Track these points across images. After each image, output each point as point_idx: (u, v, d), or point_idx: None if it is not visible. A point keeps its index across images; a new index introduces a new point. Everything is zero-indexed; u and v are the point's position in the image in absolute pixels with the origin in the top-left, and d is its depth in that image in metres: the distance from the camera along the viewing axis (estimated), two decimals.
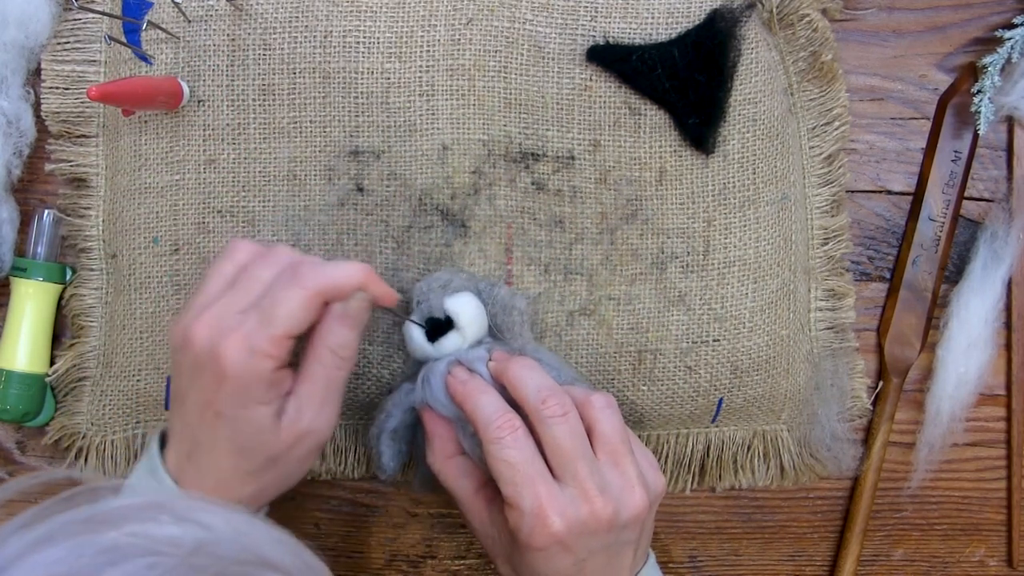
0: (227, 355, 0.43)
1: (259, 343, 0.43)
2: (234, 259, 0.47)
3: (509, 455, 0.45)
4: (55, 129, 0.56)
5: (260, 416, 0.44)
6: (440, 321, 0.51)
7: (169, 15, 0.54)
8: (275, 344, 0.43)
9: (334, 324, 0.46)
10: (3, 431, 0.59)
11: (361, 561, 0.61)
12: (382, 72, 0.54)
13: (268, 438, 0.45)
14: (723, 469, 0.60)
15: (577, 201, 0.56)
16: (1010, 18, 0.60)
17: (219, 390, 0.44)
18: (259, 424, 0.45)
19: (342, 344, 0.46)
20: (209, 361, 0.44)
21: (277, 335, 0.43)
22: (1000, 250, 0.60)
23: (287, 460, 0.46)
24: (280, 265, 0.46)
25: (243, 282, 0.45)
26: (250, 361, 0.43)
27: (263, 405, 0.44)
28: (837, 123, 0.59)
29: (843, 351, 0.60)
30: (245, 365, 0.43)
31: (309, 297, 0.44)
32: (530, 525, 0.45)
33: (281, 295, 0.44)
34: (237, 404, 0.44)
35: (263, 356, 0.43)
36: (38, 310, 0.56)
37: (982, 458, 0.62)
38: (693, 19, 0.54)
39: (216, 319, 0.44)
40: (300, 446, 0.46)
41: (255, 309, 0.44)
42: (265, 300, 0.44)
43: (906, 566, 0.63)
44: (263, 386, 0.44)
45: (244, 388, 0.44)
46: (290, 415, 0.45)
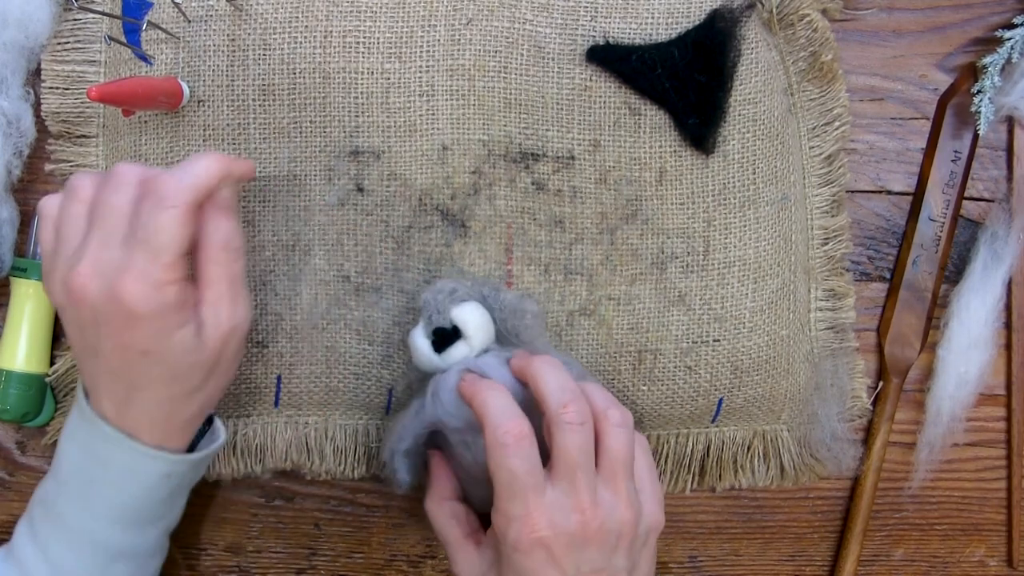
0: (130, 297, 0.42)
1: (157, 275, 0.42)
2: (79, 196, 0.45)
3: (512, 464, 0.44)
4: (55, 129, 0.56)
5: (184, 339, 0.44)
6: (447, 331, 0.50)
7: (169, 15, 0.54)
8: (172, 270, 0.43)
9: (214, 221, 0.45)
10: (3, 431, 0.59)
11: (361, 561, 0.61)
12: (382, 72, 0.54)
13: (198, 355, 0.45)
14: (723, 469, 0.60)
15: (577, 201, 0.56)
16: (1010, 18, 0.60)
17: (135, 330, 0.43)
18: (185, 346, 0.45)
19: (229, 237, 0.46)
20: (112, 308, 0.43)
21: (169, 262, 0.43)
22: (1000, 250, 0.60)
23: (221, 365, 0.47)
24: (132, 186, 0.44)
25: (102, 217, 0.44)
26: (155, 295, 0.43)
27: (182, 328, 0.44)
28: (837, 123, 0.59)
29: (843, 351, 0.60)
30: (151, 300, 0.43)
31: (183, 213, 0.43)
32: (517, 529, 0.44)
33: (156, 221, 0.42)
34: (159, 338, 0.44)
35: (165, 286, 0.43)
36: (38, 310, 0.56)
37: (982, 458, 0.62)
38: (693, 19, 0.54)
39: (97, 264, 0.43)
40: (228, 347, 0.47)
41: (134, 242, 0.43)
42: (140, 231, 0.43)
43: (906, 566, 0.63)
44: (175, 312, 0.44)
45: (159, 321, 0.43)
46: (209, 323, 0.45)
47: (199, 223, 0.45)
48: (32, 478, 0.59)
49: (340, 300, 0.55)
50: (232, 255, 0.46)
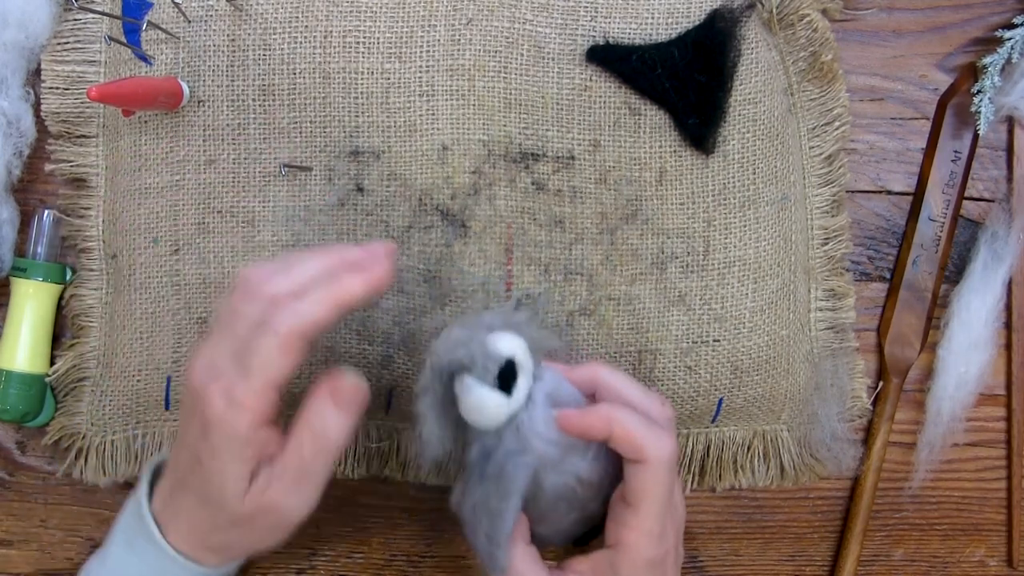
0: (210, 403, 0.42)
1: (238, 394, 0.41)
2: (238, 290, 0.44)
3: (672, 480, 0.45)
4: (55, 129, 0.56)
5: (231, 473, 0.43)
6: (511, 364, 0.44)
7: (169, 15, 0.54)
8: (254, 396, 0.41)
9: (320, 403, 0.44)
10: (3, 431, 0.59)
11: (361, 560, 0.61)
12: (382, 72, 0.54)
13: (232, 500, 0.43)
14: (723, 469, 0.60)
15: (577, 201, 0.56)
16: (1010, 18, 0.60)
17: (201, 437, 0.43)
18: (227, 481, 0.43)
19: (325, 428, 0.43)
20: (198, 405, 0.43)
21: (256, 387, 0.41)
22: (1000, 250, 0.60)
23: (250, 528, 0.45)
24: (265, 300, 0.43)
25: (230, 323, 0.43)
26: (228, 412, 0.42)
27: (237, 463, 0.43)
28: (837, 123, 0.59)
29: (843, 351, 0.60)
30: (223, 416, 0.42)
31: (282, 344, 0.41)
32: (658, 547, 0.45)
33: (256, 342, 0.42)
34: (212, 455, 0.43)
35: (241, 409, 0.41)
36: (38, 310, 0.57)
37: (982, 458, 0.62)
38: (693, 19, 0.54)
39: (208, 362, 0.43)
40: (263, 519, 0.44)
41: (239, 356, 0.42)
42: (246, 347, 0.42)
43: (906, 566, 0.63)
44: (240, 442, 0.42)
45: (222, 440, 0.42)
46: (259, 484, 0.43)
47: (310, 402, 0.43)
48: (32, 478, 0.59)
49: None
50: (319, 445, 0.43)
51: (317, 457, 0.44)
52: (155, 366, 0.56)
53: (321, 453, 0.44)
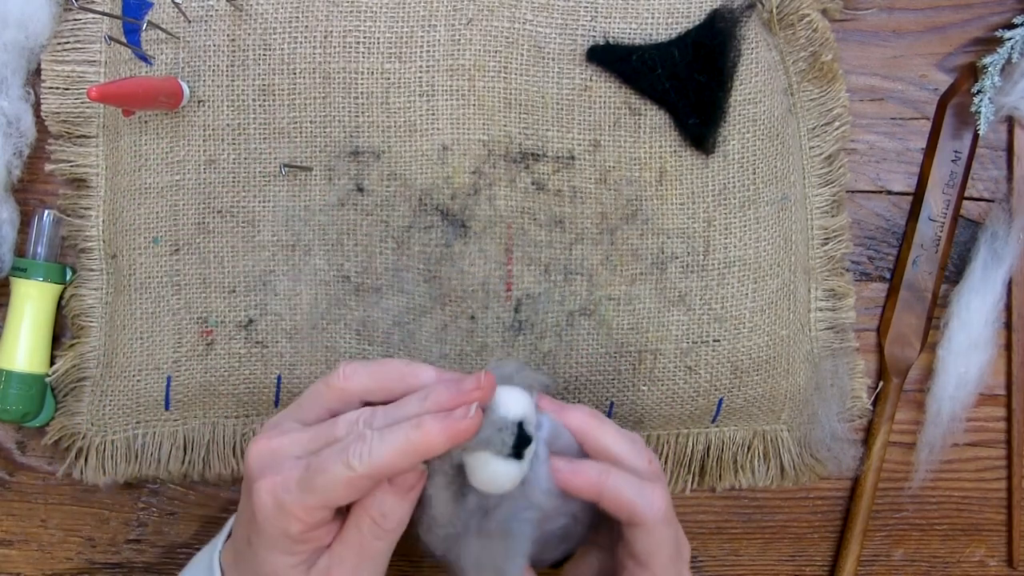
0: (259, 497, 0.42)
1: (289, 502, 0.41)
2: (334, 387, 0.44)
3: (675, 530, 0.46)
4: (55, 129, 0.56)
5: (282, 565, 0.43)
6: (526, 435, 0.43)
7: (169, 15, 0.54)
8: (305, 511, 0.41)
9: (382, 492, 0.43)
10: (3, 431, 0.59)
11: None
12: (382, 72, 0.54)
13: None
14: (723, 469, 0.60)
15: (577, 201, 0.56)
16: (1010, 18, 0.60)
17: (251, 522, 0.43)
18: (279, 570, 0.43)
19: (385, 513, 0.43)
20: (250, 490, 0.42)
21: (309, 504, 0.41)
22: (1000, 250, 0.60)
23: None
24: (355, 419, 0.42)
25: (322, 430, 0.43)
26: (277, 516, 0.41)
27: (286, 555, 0.43)
28: (837, 123, 0.59)
29: (843, 351, 0.60)
30: (271, 516, 0.41)
31: (353, 480, 0.40)
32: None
33: (326, 465, 0.41)
34: (263, 544, 0.43)
35: (290, 517, 0.41)
36: (38, 310, 0.56)
37: (982, 458, 0.62)
38: (693, 19, 0.54)
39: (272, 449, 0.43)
40: None
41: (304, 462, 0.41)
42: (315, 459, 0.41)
43: (906, 566, 0.63)
44: (288, 541, 0.42)
45: (269, 535, 0.42)
46: (320, 571, 0.43)
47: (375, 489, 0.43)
48: (32, 478, 0.59)
49: (340, 300, 0.55)
50: (378, 532, 0.43)
51: (377, 542, 0.43)
52: (155, 366, 0.56)
53: (381, 538, 0.43)
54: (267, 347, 0.56)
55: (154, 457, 0.57)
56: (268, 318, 0.55)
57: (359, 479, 0.40)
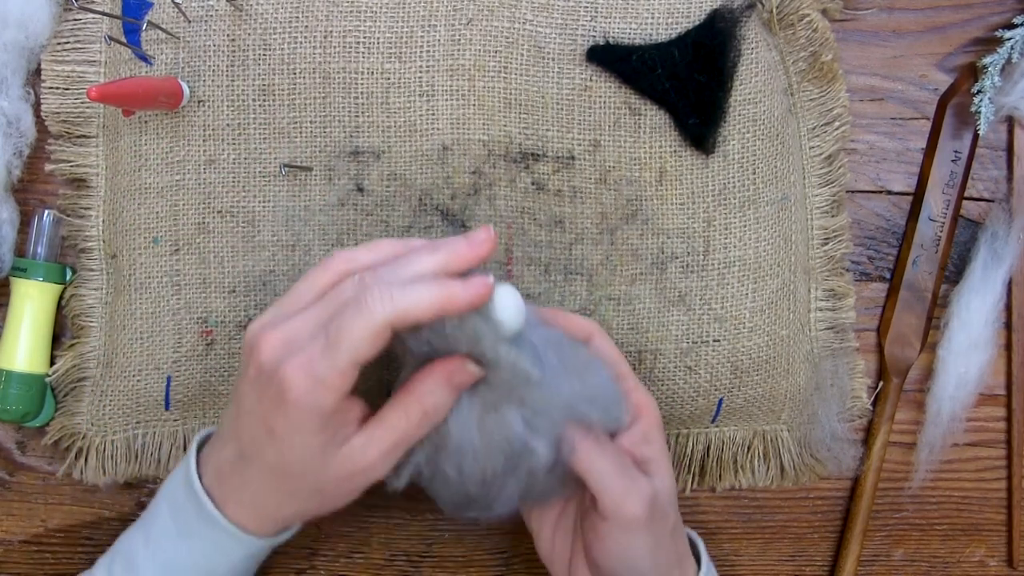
0: (289, 380, 0.41)
1: (323, 372, 0.41)
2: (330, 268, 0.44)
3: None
4: (55, 129, 0.56)
5: (312, 445, 0.43)
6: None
7: (169, 15, 0.54)
8: (340, 375, 0.41)
9: (435, 384, 0.43)
10: (3, 431, 0.59)
11: (361, 561, 0.61)
12: (382, 72, 0.54)
13: (316, 468, 0.43)
14: (723, 469, 0.60)
15: (577, 201, 0.56)
16: (1010, 18, 0.60)
17: (277, 411, 0.42)
18: (308, 453, 0.43)
19: (436, 405, 0.44)
20: (273, 379, 0.42)
21: (341, 366, 0.41)
22: (1000, 250, 0.60)
23: (334, 493, 0.45)
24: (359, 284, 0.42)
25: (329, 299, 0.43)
26: (311, 390, 0.41)
27: (319, 435, 0.43)
28: (837, 123, 0.59)
29: (843, 351, 0.60)
30: (306, 394, 0.41)
31: (376, 329, 0.40)
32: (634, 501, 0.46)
33: (348, 323, 0.41)
34: (293, 430, 0.42)
35: (325, 388, 0.41)
36: (38, 310, 0.57)
37: (982, 458, 0.62)
38: (693, 19, 0.54)
39: (286, 336, 0.42)
40: (351, 482, 0.45)
41: (324, 333, 0.41)
42: (332, 324, 0.41)
43: (906, 566, 0.63)
44: (322, 417, 0.42)
45: (302, 416, 0.42)
46: (354, 449, 0.43)
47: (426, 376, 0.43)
48: (32, 478, 0.59)
49: None
50: (424, 420, 0.43)
51: (419, 431, 0.44)
52: (155, 366, 0.56)
53: (424, 428, 0.44)
54: None
55: (154, 457, 0.57)
56: None
57: (384, 326, 0.40)
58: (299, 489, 0.45)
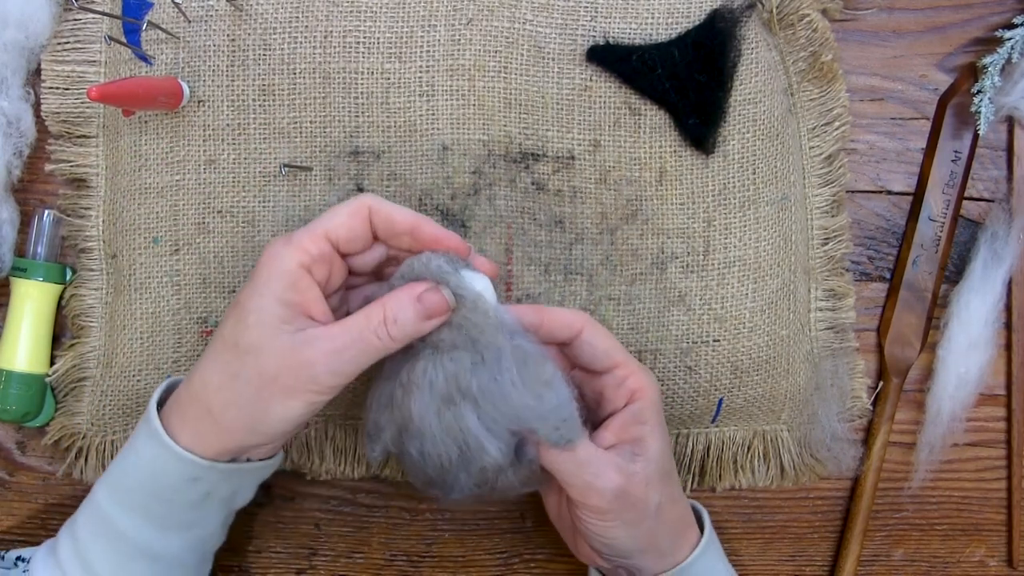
0: (267, 249, 0.45)
1: (297, 236, 0.45)
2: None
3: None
4: (55, 129, 0.56)
5: (270, 312, 0.44)
6: None
7: (169, 15, 0.54)
8: (309, 237, 0.45)
9: (404, 296, 0.45)
10: (3, 431, 0.59)
11: (361, 561, 0.61)
12: (382, 72, 0.54)
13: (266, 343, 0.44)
14: (723, 469, 0.60)
15: (577, 201, 0.56)
16: (1010, 18, 0.60)
17: (247, 281, 0.46)
18: (264, 320, 0.44)
19: (398, 319, 0.44)
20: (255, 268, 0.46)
21: (313, 230, 0.45)
22: (1000, 250, 0.60)
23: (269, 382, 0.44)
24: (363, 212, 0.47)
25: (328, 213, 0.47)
26: (282, 251, 0.45)
27: (277, 303, 0.44)
28: (837, 123, 0.59)
29: (843, 351, 0.60)
30: (275, 254, 0.45)
31: (353, 207, 0.46)
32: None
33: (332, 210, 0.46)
34: (255, 292, 0.45)
35: (294, 247, 0.44)
36: (38, 310, 0.57)
37: (982, 458, 0.62)
38: (693, 19, 0.54)
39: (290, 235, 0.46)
40: (289, 375, 0.43)
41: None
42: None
43: (906, 566, 0.63)
44: (286, 281, 0.44)
45: (266, 276, 0.44)
46: (305, 337, 0.44)
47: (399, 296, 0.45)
48: (32, 478, 0.59)
49: None
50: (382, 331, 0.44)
51: (375, 340, 0.44)
52: (155, 366, 0.56)
53: (381, 339, 0.44)
54: None
55: None
56: None
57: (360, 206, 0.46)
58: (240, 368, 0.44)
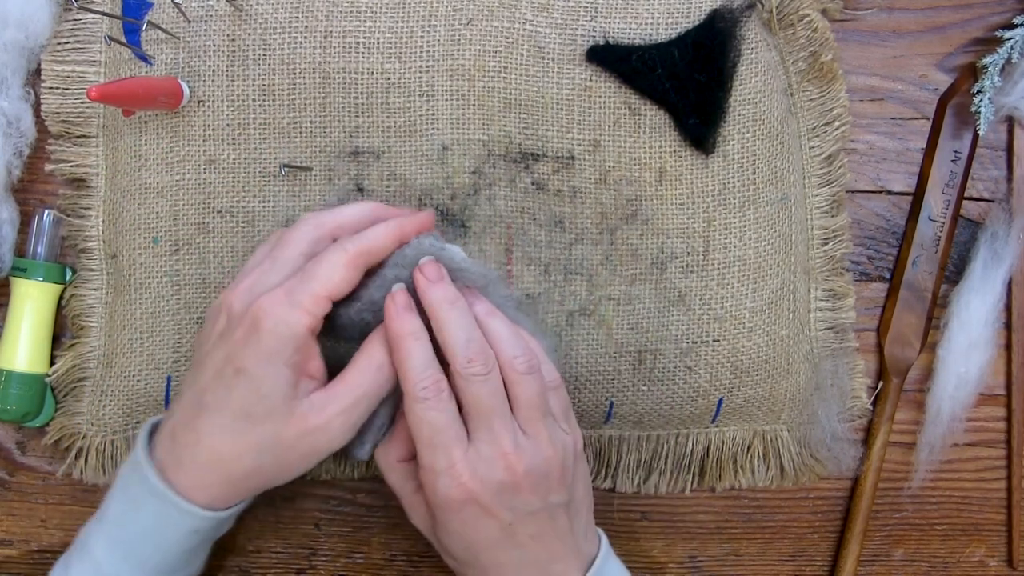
0: (265, 309, 0.43)
1: (298, 297, 0.44)
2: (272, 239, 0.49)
3: (432, 417, 0.45)
4: (55, 129, 0.56)
5: (281, 379, 0.44)
6: None
7: (169, 15, 0.54)
8: (314, 300, 0.44)
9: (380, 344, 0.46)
10: (3, 431, 0.59)
11: (361, 561, 0.61)
12: (382, 72, 0.54)
13: (280, 412, 0.44)
14: (723, 469, 0.60)
15: (577, 201, 0.56)
16: (1010, 18, 0.60)
17: (247, 344, 0.44)
18: (277, 388, 0.44)
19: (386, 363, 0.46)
20: (246, 316, 0.44)
21: (317, 291, 0.44)
22: (1000, 250, 0.60)
23: (288, 449, 0.45)
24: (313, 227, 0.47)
25: (277, 250, 0.46)
26: (288, 316, 0.43)
27: (288, 368, 0.44)
28: (837, 123, 0.59)
29: (843, 351, 0.60)
30: (282, 321, 0.43)
31: (349, 259, 0.45)
32: (445, 484, 0.45)
33: (321, 258, 0.45)
34: (263, 359, 0.43)
35: (301, 311, 0.43)
36: (38, 310, 0.57)
37: (982, 458, 0.62)
38: (693, 19, 0.54)
39: (253, 284, 0.45)
40: (307, 441, 0.45)
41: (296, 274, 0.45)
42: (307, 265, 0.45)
43: (906, 566, 0.63)
44: (294, 346, 0.44)
45: (275, 343, 0.43)
46: (313, 403, 0.45)
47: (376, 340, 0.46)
48: (32, 478, 0.59)
49: None
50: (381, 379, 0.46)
51: (374, 388, 0.46)
52: (155, 366, 0.56)
53: (381, 386, 0.46)
54: None
55: None
56: None
57: (357, 257, 0.45)
58: (258, 439, 0.44)
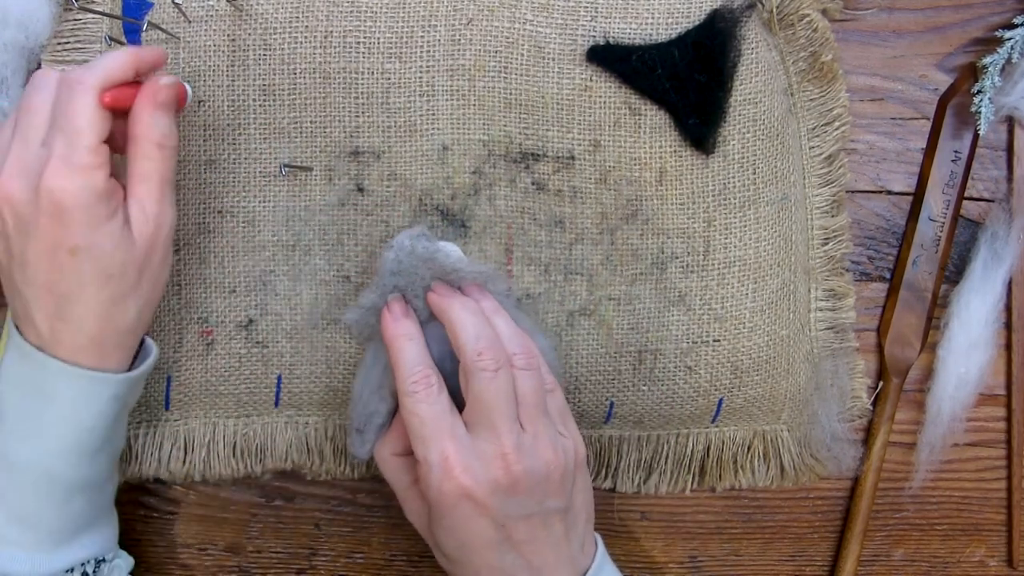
0: (56, 186, 0.41)
1: (79, 160, 0.42)
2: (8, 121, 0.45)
3: (421, 409, 0.45)
4: None
5: (113, 231, 0.43)
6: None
7: (169, 15, 0.54)
8: (94, 154, 0.42)
9: (151, 116, 0.44)
10: None
11: (361, 561, 0.61)
12: (382, 72, 0.54)
13: (128, 251, 0.44)
14: (723, 469, 0.60)
15: (577, 201, 0.56)
16: (1010, 18, 0.60)
17: (63, 225, 0.42)
18: (115, 239, 0.44)
19: (164, 134, 0.45)
20: (38, 205, 0.42)
21: (90, 145, 0.42)
22: (1000, 250, 0.60)
23: (151, 265, 0.46)
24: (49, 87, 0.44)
25: (23, 120, 0.43)
26: (80, 181, 0.42)
27: (111, 219, 0.43)
28: (837, 123, 0.59)
29: (843, 351, 0.60)
30: (77, 187, 0.42)
31: (97, 95, 0.42)
32: (438, 478, 0.44)
33: (71, 107, 0.42)
34: (88, 231, 0.43)
35: (90, 171, 0.42)
36: None
37: (982, 458, 0.62)
38: (693, 19, 0.54)
39: (19, 164, 0.42)
40: (157, 246, 0.46)
41: (53, 133, 0.42)
42: (58, 120, 0.42)
43: (906, 566, 0.63)
44: (102, 200, 0.43)
45: (87, 212, 0.42)
46: (137, 219, 0.45)
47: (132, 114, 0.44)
48: None
49: (340, 300, 0.55)
50: (166, 153, 0.45)
51: (169, 163, 0.45)
52: (155, 366, 0.56)
53: (169, 158, 0.45)
54: (267, 347, 0.56)
55: (154, 457, 0.57)
56: (268, 318, 0.55)
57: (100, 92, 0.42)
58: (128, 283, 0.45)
